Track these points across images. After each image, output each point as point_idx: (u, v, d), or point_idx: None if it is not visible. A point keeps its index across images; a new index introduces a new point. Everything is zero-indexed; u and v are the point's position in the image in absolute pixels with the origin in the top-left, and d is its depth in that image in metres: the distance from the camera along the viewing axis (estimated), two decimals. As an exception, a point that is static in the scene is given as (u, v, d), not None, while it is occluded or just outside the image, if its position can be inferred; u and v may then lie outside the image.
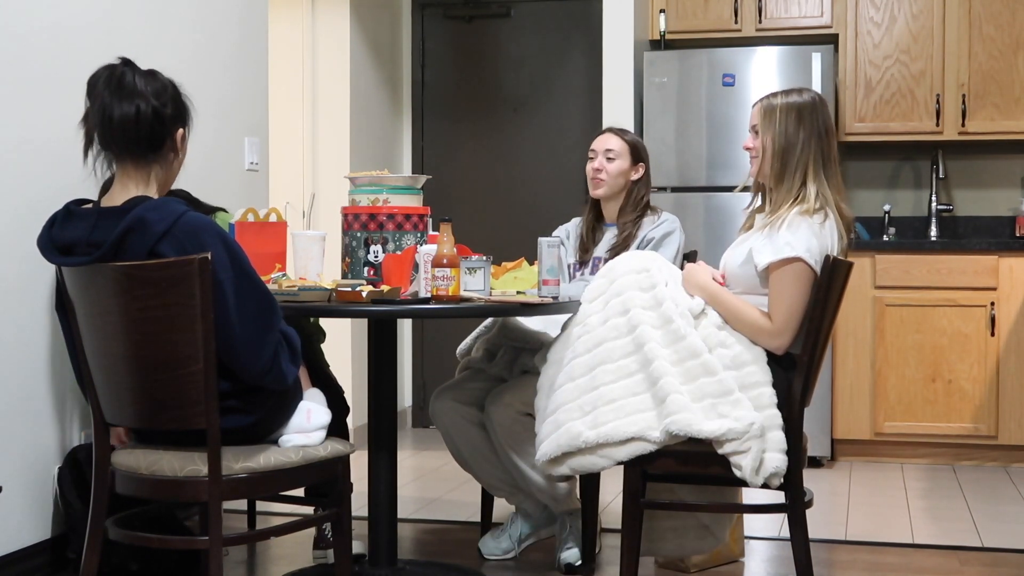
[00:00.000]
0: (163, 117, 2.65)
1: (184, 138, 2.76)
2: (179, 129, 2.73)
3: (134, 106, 2.62)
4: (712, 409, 2.86)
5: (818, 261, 2.95)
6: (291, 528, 2.92)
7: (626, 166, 3.72)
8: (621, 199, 3.73)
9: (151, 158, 2.68)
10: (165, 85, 2.70)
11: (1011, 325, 5.24)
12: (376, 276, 3.22)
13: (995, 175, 5.87)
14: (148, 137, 2.65)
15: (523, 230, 5.14)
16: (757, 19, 5.69)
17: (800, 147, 3.03)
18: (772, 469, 2.84)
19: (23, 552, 3.27)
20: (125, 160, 2.67)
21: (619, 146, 3.73)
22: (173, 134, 2.71)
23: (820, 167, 3.03)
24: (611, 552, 3.68)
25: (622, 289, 3.05)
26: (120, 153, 2.66)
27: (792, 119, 3.04)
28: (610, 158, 3.71)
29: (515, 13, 6.16)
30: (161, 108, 2.65)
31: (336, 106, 5.63)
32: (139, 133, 2.63)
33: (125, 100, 2.62)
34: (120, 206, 2.60)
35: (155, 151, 2.68)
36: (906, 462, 5.37)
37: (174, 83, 2.75)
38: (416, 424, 6.28)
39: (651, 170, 3.81)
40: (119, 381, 2.62)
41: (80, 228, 2.60)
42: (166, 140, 2.69)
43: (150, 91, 2.65)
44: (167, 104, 2.67)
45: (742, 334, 2.98)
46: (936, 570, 3.64)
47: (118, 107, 2.62)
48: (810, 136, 3.03)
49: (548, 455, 2.97)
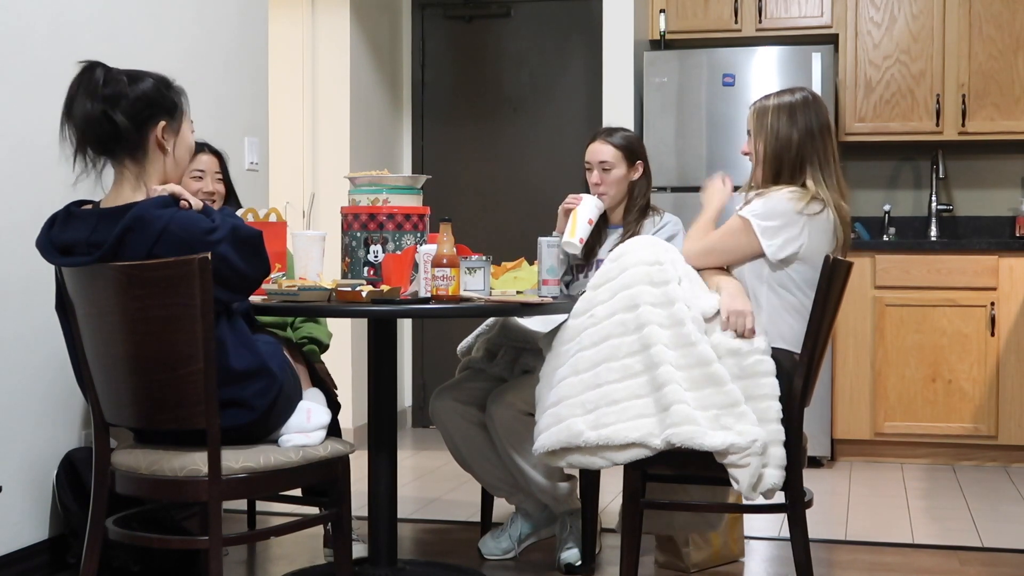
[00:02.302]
0: (113, 120, 2.60)
1: (168, 132, 2.68)
2: (158, 123, 2.66)
3: (85, 108, 2.60)
4: (716, 420, 2.83)
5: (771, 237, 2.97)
6: (291, 528, 2.92)
7: (624, 172, 3.66)
8: (624, 201, 3.71)
9: (132, 158, 2.65)
10: (122, 91, 2.62)
11: (1011, 325, 5.24)
12: (376, 276, 3.22)
13: (995, 175, 5.87)
14: (110, 138, 2.62)
15: (523, 230, 5.14)
16: (757, 19, 5.69)
17: (793, 146, 3.02)
18: (770, 485, 2.83)
19: (23, 552, 3.27)
20: (112, 162, 2.67)
21: (612, 155, 3.64)
22: (146, 133, 2.65)
23: (816, 165, 3.02)
24: (611, 552, 3.68)
25: (632, 281, 2.97)
26: (100, 153, 2.65)
27: (783, 118, 3.04)
28: (606, 169, 3.64)
29: (515, 13, 6.16)
30: (111, 110, 2.59)
31: (336, 106, 5.63)
32: (99, 135, 2.61)
33: (83, 101, 2.60)
34: (121, 206, 2.60)
35: (131, 151, 2.64)
36: (906, 462, 5.37)
37: (153, 78, 2.68)
38: (416, 424, 6.28)
39: (651, 169, 3.76)
40: (119, 381, 2.62)
41: (80, 229, 2.60)
42: (141, 141, 2.65)
43: (106, 93, 2.60)
44: (120, 105, 2.60)
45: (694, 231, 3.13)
46: (936, 570, 3.64)
47: (76, 108, 2.61)
48: (803, 134, 3.02)
49: (546, 447, 2.95)
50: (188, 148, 2.76)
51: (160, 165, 2.69)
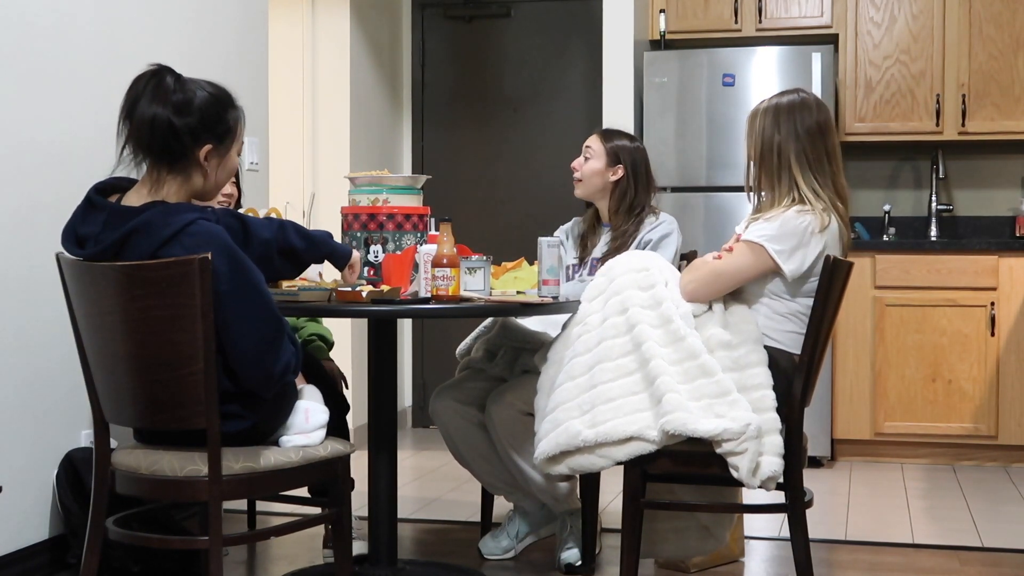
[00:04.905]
0: (177, 130, 2.57)
1: (214, 155, 2.63)
2: (206, 146, 2.61)
3: (152, 112, 2.57)
4: (709, 409, 2.85)
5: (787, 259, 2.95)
6: (291, 528, 2.92)
7: (600, 166, 3.69)
8: (607, 200, 3.73)
9: (170, 168, 2.61)
10: (190, 98, 2.59)
11: (1011, 325, 5.24)
12: (376, 276, 3.22)
13: (995, 175, 5.87)
14: (162, 147, 2.59)
15: (523, 230, 5.15)
16: (757, 19, 5.69)
17: (777, 147, 3.02)
18: (769, 473, 2.84)
19: (23, 552, 3.27)
20: (148, 162, 2.63)
21: (597, 146, 3.71)
22: (195, 150, 2.61)
23: (805, 166, 3.02)
24: (611, 552, 3.68)
25: (621, 288, 3.04)
26: (145, 155, 2.62)
27: (769, 120, 3.05)
28: (587, 156, 3.72)
29: (515, 13, 6.16)
30: (178, 120, 2.57)
31: (336, 106, 5.63)
32: (152, 140, 2.58)
33: (149, 104, 2.57)
34: (136, 207, 2.58)
35: (173, 162, 2.61)
36: (906, 462, 5.37)
37: (218, 96, 2.64)
38: (416, 424, 6.28)
39: (650, 173, 3.76)
40: (119, 381, 2.62)
41: (96, 222, 2.59)
42: (186, 154, 2.60)
43: (175, 100, 2.57)
44: (189, 117, 2.58)
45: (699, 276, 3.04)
46: (936, 570, 3.64)
47: (141, 110, 2.58)
48: (788, 135, 3.02)
49: (547, 453, 2.97)
50: (230, 172, 2.72)
51: (197, 182, 2.65)
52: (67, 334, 2.79)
